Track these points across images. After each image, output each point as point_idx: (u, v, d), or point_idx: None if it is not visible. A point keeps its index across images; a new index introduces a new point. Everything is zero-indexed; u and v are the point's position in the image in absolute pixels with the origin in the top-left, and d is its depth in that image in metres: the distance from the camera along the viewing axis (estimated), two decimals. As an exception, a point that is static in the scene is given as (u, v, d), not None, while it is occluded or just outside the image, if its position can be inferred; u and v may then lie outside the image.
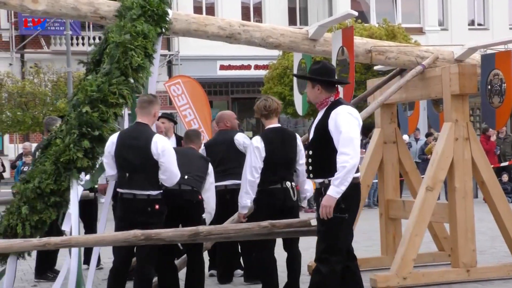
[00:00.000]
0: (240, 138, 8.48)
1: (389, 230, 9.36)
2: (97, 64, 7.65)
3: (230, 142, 8.44)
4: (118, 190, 6.86)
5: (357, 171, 6.10)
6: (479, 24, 32.69)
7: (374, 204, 17.19)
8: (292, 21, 30.87)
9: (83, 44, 28.55)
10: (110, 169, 6.92)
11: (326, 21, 8.69)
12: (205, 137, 11.92)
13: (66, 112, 8.44)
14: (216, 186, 7.80)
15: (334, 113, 6.05)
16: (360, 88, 17.43)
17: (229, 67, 30.35)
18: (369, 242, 11.34)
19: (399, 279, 7.86)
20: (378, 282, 7.81)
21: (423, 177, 8.78)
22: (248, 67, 30.37)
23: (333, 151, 5.99)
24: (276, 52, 22.75)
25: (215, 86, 30.17)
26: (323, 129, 6.10)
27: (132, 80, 7.24)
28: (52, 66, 25.49)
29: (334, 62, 8.33)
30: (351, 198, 6.04)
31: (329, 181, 5.99)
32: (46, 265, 9.09)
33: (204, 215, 7.45)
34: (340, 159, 5.89)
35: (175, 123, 10.73)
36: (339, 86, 8.32)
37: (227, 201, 8.16)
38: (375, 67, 10.41)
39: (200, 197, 7.39)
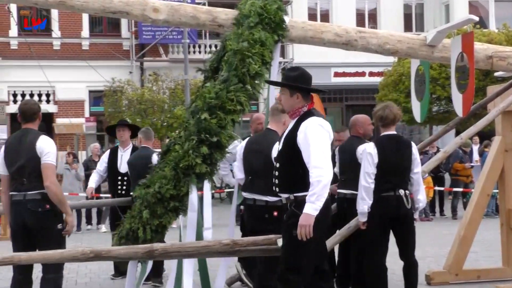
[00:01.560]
0: (359, 150, 7.75)
1: (510, 241, 9.08)
2: (215, 72, 7.79)
3: (354, 152, 7.88)
4: (243, 194, 7.01)
5: None
6: None
7: (493, 213, 16.75)
8: (407, 27, 30.54)
9: (199, 52, 29.13)
10: (239, 172, 7.16)
11: (445, 26, 8.52)
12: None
13: (184, 118, 8.61)
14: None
15: (303, 125, 5.54)
16: (478, 95, 16.99)
17: (343, 74, 30.28)
18: (489, 252, 11.04)
19: (521, 291, 7.64)
20: (499, 294, 7.64)
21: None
22: (362, 74, 30.20)
23: (300, 165, 5.48)
24: (391, 59, 22.51)
25: (329, 93, 30.09)
26: (292, 142, 5.58)
27: (249, 87, 7.32)
28: (170, 74, 26.02)
29: (453, 68, 8.17)
30: (319, 214, 5.33)
31: (295, 197, 5.51)
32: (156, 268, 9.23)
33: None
34: (314, 173, 5.32)
35: None
36: (466, 91, 8.14)
37: (345, 209, 8.07)
38: (495, 73, 10.14)
39: None
